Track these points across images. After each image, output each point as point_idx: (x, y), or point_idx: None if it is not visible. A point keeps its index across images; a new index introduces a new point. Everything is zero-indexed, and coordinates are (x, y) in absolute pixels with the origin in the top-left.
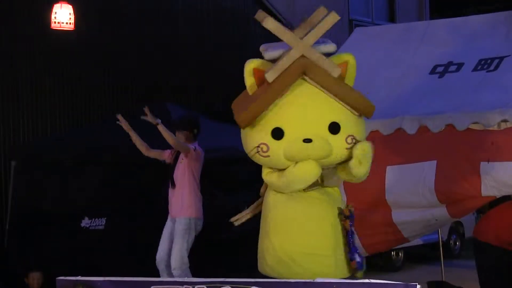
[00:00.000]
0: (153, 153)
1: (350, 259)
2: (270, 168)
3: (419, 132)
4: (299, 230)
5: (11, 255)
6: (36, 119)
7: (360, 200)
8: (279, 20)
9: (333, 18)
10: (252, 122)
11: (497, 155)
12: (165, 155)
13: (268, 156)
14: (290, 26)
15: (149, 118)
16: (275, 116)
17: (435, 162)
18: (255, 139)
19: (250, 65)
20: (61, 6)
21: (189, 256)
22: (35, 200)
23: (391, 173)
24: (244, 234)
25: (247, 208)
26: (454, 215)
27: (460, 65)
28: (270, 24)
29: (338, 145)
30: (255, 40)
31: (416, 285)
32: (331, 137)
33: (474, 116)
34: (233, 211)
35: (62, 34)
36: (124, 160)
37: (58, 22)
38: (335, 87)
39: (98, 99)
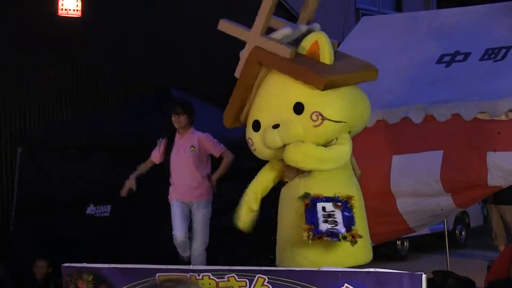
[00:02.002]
0: (149, 164)
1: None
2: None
3: (425, 121)
4: (284, 224)
5: (16, 242)
6: (42, 106)
7: (366, 188)
8: (291, 14)
9: (266, 2)
10: (232, 121)
11: (504, 145)
12: (153, 159)
13: (255, 149)
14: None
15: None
16: (253, 111)
17: (441, 151)
18: (246, 134)
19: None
20: None
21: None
22: (40, 186)
23: (397, 162)
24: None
25: None
26: (460, 204)
27: (467, 55)
28: (223, 26)
29: (305, 124)
30: None
31: (422, 274)
32: (297, 117)
33: (481, 105)
34: (238, 199)
35: (69, 21)
36: (130, 146)
37: (65, 9)
38: (287, 68)
39: (104, 86)
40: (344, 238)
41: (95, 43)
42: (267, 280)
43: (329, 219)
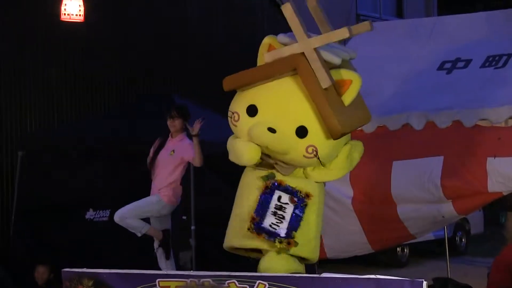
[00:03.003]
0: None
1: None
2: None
3: (426, 128)
4: (237, 198)
5: (16, 245)
6: (44, 111)
7: (366, 194)
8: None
9: (342, 32)
10: (232, 87)
11: (504, 151)
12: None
13: (236, 126)
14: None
15: (195, 128)
16: (257, 95)
17: (441, 157)
18: (234, 105)
19: (266, 40)
20: None
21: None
22: (40, 190)
23: (397, 168)
24: None
25: None
26: (461, 211)
27: (468, 62)
28: (287, 11)
29: (297, 149)
30: (263, 31)
31: (423, 281)
32: (295, 139)
33: (482, 112)
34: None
35: (71, 25)
36: (129, 151)
37: (68, 14)
38: (316, 96)
39: (106, 91)
40: (280, 242)
41: (97, 48)
42: (267, 286)
43: (278, 212)
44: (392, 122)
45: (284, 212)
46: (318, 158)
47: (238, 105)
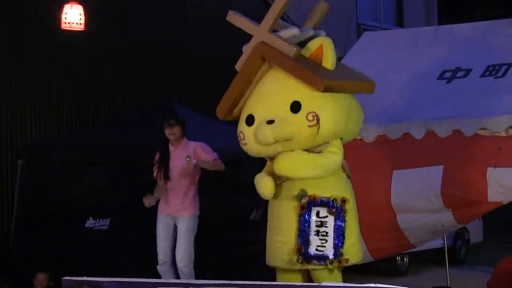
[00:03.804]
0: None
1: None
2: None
3: (426, 137)
4: (272, 217)
5: (16, 254)
6: (44, 119)
7: (366, 203)
8: (285, 21)
9: (280, 1)
10: (226, 113)
11: (504, 161)
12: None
13: (246, 144)
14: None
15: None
16: (249, 105)
17: (441, 167)
18: (238, 127)
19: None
20: (71, 6)
21: (197, 257)
22: (40, 199)
23: (398, 177)
24: (253, 235)
25: (256, 210)
26: (461, 221)
27: (468, 71)
28: (231, 17)
29: (299, 123)
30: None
31: None
32: (293, 116)
33: (482, 121)
34: (242, 212)
35: (72, 34)
36: (129, 160)
37: (69, 23)
38: (290, 67)
39: (106, 99)
40: (331, 263)
41: (98, 57)
42: None
43: (321, 230)
44: (392, 131)
45: (326, 227)
46: (318, 122)
47: (240, 124)
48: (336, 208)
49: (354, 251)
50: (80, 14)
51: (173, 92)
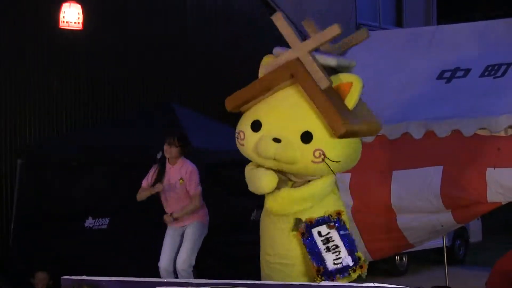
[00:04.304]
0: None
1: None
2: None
3: (425, 137)
4: (269, 241)
5: (15, 253)
6: (43, 118)
7: (366, 204)
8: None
9: (334, 29)
10: (235, 107)
11: (504, 161)
12: (143, 185)
13: (243, 145)
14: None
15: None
16: (260, 110)
17: (441, 167)
18: (239, 125)
19: (265, 59)
20: (69, 5)
21: (197, 260)
22: (40, 198)
23: (397, 177)
24: (254, 235)
25: (256, 210)
26: (460, 220)
27: (467, 71)
28: (278, 20)
29: (305, 155)
30: (263, 41)
31: None
32: (301, 145)
33: (481, 121)
34: (242, 213)
35: (70, 33)
36: (128, 160)
37: (67, 22)
38: (317, 98)
39: (105, 99)
40: (354, 271)
41: (96, 56)
42: None
43: (330, 245)
44: (392, 131)
45: (333, 241)
46: (328, 159)
47: (243, 124)
48: (334, 221)
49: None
50: (78, 13)
51: (173, 92)
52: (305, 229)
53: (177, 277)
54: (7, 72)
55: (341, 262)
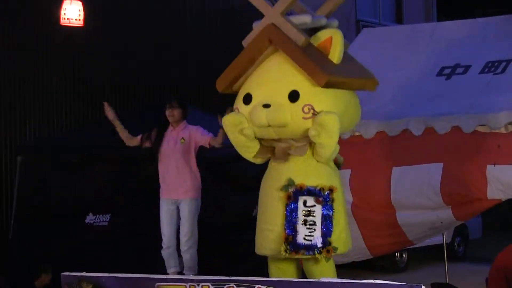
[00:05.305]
0: (134, 142)
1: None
2: None
3: (425, 134)
4: (262, 206)
5: (15, 250)
6: (43, 115)
7: (365, 200)
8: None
9: None
10: (225, 87)
11: (504, 158)
12: (138, 139)
13: None
14: None
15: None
16: (249, 83)
17: (441, 164)
18: (234, 103)
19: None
20: (70, 2)
21: (199, 256)
22: (40, 195)
23: (397, 174)
24: (254, 234)
25: (257, 207)
26: (459, 217)
27: (467, 67)
28: None
29: (295, 113)
30: None
31: (421, 286)
32: (290, 105)
33: (481, 118)
34: (244, 209)
35: (71, 30)
36: (128, 157)
37: (68, 19)
38: (296, 55)
39: (105, 97)
40: (320, 253)
41: (97, 53)
42: None
43: (308, 219)
44: (391, 127)
45: (314, 216)
46: (313, 115)
47: (236, 100)
48: (323, 197)
49: (343, 239)
50: (79, 10)
51: (171, 88)
52: (292, 194)
53: (179, 255)
54: (7, 68)
55: (311, 240)
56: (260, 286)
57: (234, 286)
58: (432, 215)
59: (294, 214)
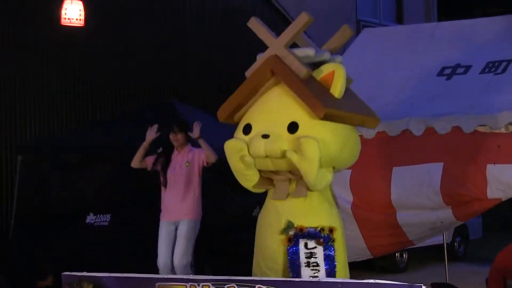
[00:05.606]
0: (142, 164)
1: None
2: None
3: (425, 134)
4: (259, 242)
5: (16, 250)
6: (44, 115)
7: (366, 200)
8: (287, 20)
9: (303, 18)
10: (226, 117)
11: (504, 158)
12: (147, 163)
13: None
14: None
15: (195, 132)
16: (250, 114)
17: (441, 164)
18: (234, 135)
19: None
20: (71, 2)
21: (199, 256)
22: (40, 194)
23: (397, 174)
24: (254, 235)
25: (258, 206)
26: (460, 217)
27: (467, 68)
28: (253, 25)
29: (293, 145)
30: (265, 43)
31: (421, 286)
32: (288, 136)
33: (481, 118)
34: (243, 211)
35: (72, 30)
36: (129, 157)
37: (68, 18)
38: (296, 87)
39: (106, 96)
40: None
41: (97, 53)
42: None
43: (311, 261)
44: (392, 128)
45: (316, 258)
46: None
47: (237, 131)
48: (324, 238)
49: (342, 274)
50: (80, 10)
51: (171, 87)
52: (293, 237)
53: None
54: (8, 68)
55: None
56: (261, 286)
57: (235, 286)
58: (432, 215)
59: (295, 256)
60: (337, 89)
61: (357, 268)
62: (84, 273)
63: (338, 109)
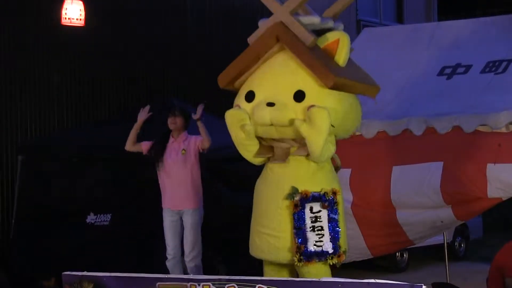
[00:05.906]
0: (136, 147)
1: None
2: None
3: (426, 133)
4: (263, 211)
5: (16, 250)
6: (44, 115)
7: (366, 199)
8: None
9: None
10: (227, 83)
11: (504, 157)
12: (143, 147)
13: None
14: None
15: (198, 112)
16: (252, 81)
17: (441, 163)
18: (235, 100)
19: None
20: (71, 1)
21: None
22: (41, 194)
23: (397, 173)
24: None
25: None
26: (460, 217)
27: (468, 67)
28: None
29: (299, 114)
30: None
31: (422, 285)
32: (294, 104)
33: (482, 118)
34: (243, 210)
35: (72, 30)
36: (130, 156)
37: (69, 18)
38: (303, 55)
39: (106, 96)
40: (331, 259)
41: (98, 53)
42: None
43: (316, 225)
44: (392, 127)
45: (320, 221)
46: None
47: (238, 98)
48: (329, 201)
49: (345, 240)
50: (80, 10)
51: (172, 87)
52: (299, 202)
53: (184, 266)
54: (8, 67)
55: (321, 246)
56: (261, 285)
57: (235, 285)
58: (433, 214)
59: (301, 222)
60: (341, 58)
61: (357, 268)
62: (85, 273)
63: (344, 77)
